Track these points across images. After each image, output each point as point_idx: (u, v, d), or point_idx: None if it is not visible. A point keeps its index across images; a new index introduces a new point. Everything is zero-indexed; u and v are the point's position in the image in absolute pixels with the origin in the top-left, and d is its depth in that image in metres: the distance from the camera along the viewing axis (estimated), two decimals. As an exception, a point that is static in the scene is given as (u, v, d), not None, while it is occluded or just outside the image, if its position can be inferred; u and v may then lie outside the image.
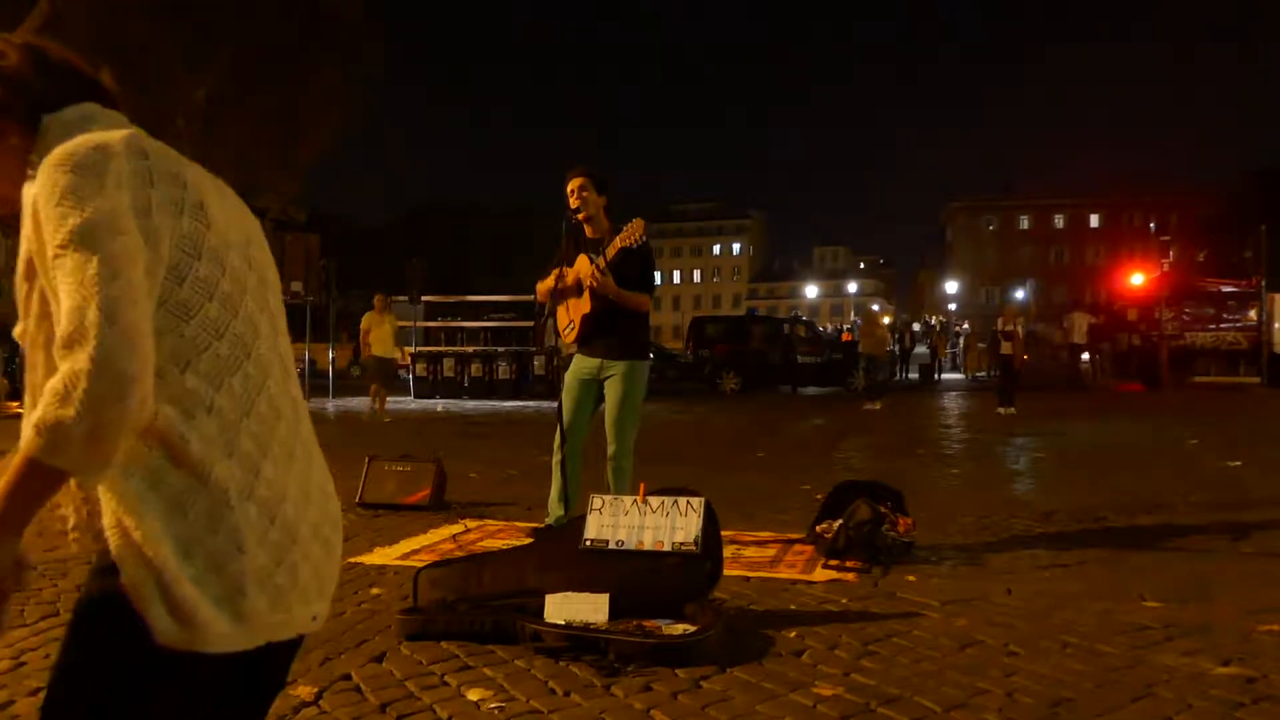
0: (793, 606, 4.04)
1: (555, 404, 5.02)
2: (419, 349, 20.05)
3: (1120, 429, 12.42)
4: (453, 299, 21.13)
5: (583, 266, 4.93)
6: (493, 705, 2.94)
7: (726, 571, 4.10)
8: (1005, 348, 15.17)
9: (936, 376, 27.58)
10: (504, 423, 14.22)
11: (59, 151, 1.15)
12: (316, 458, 1.34)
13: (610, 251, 4.81)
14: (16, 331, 1.20)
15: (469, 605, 3.66)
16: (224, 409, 1.17)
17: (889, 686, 3.07)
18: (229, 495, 1.16)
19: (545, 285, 5.13)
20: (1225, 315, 22.25)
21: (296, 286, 17.51)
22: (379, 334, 13.85)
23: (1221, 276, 27.25)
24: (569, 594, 3.56)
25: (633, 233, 4.77)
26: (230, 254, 1.22)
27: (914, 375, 29.34)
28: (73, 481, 1.12)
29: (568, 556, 3.80)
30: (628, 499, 3.92)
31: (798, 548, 5.08)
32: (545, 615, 3.51)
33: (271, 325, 1.29)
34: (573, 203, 4.99)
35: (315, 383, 20.05)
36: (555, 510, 4.95)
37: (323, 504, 1.31)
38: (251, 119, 14.90)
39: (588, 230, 5.04)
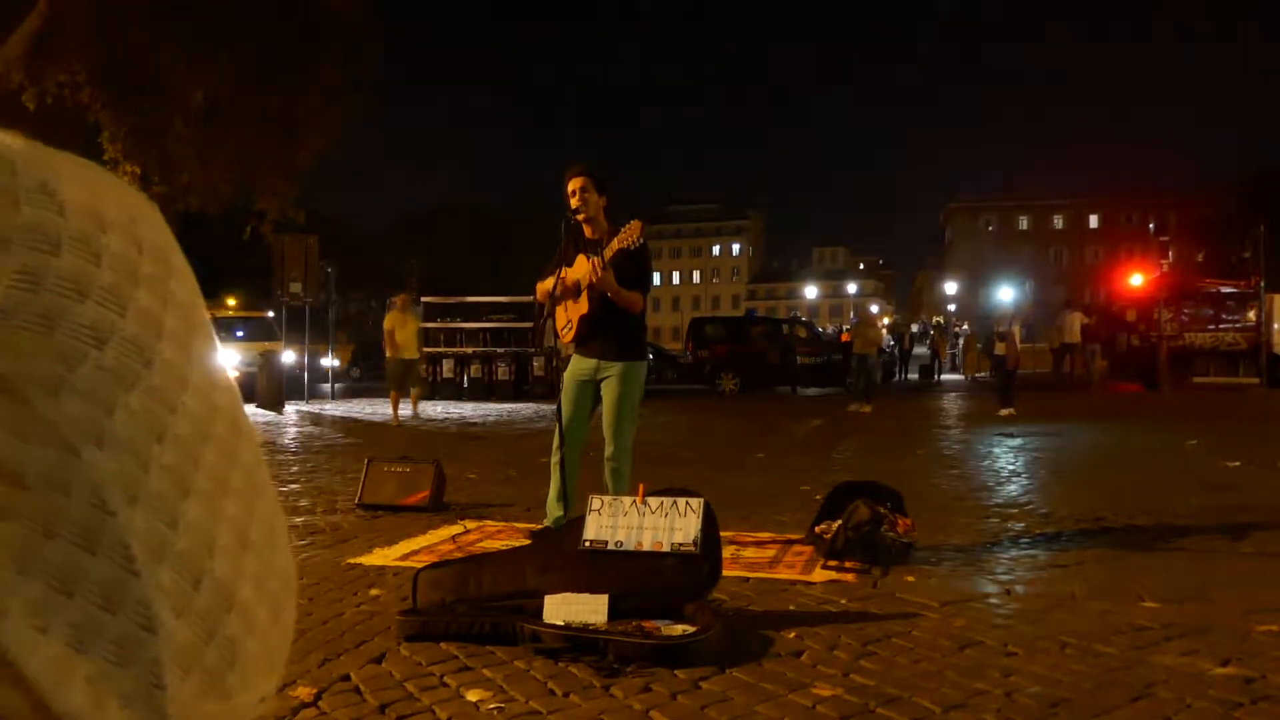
0: (792, 607, 4.05)
1: (554, 405, 5.02)
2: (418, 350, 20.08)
3: (1119, 430, 12.42)
4: (452, 300, 21.14)
5: (581, 267, 4.93)
6: (492, 706, 2.94)
7: (726, 572, 4.10)
8: (1000, 349, 15.17)
9: (936, 377, 27.59)
10: (503, 424, 14.23)
11: None
12: (264, 491, 1.01)
13: (608, 252, 4.81)
14: None
15: (468, 606, 3.66)
16: (121, 437, 0.83)
17: (888, 687, 3.07)
18: (131, 557, 0.82)
19: (545, 287, 5.13)
20: (1224, 316, 22.25)
21: (296, 288, 17.47)
22: (403, 335, 13.48)
23: (1220, 277, 27.28)
24: (568, 595, 3.56)
25: (630, 234, 4.78)
26: (107, 238, 0.91)
27: (913, 376, 29.35)
28: None
29: (567, 557, 3.80)
30: (627, 500, 3.92)
31: (797, 548, 5.08)
32: (544, 616, 3.51)
33: (184, 320, 0.95)
34: (573, 203, 4.98)
35: (315, 385, 20.09)
36: (554, 511, 4.95)
37: (268, 553, 0.95)
38: (251, 119, 14.83)
39: (587, 230, 5.03)
